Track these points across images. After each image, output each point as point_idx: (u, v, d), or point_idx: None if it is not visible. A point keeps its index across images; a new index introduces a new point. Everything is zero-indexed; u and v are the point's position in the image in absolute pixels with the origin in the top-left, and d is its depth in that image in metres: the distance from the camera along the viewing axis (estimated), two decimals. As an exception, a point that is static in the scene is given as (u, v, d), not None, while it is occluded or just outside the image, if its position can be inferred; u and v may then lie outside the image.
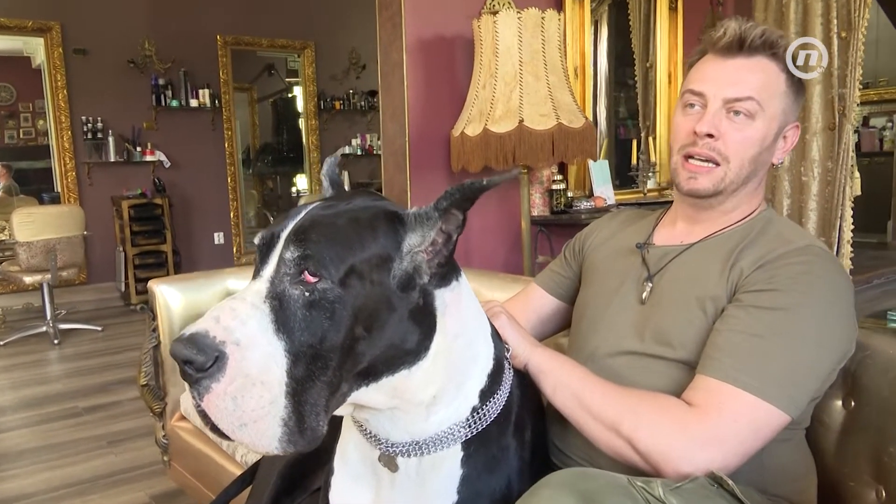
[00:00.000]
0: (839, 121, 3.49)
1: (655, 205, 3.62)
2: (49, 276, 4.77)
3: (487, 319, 0.98)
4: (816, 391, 0.98)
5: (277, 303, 0.75)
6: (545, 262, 3.11)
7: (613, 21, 4.02)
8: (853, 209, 3.56)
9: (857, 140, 4.37)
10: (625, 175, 4.01)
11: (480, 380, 0.92)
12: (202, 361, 0.70)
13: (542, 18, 2.68)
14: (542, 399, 1.08)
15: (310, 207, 0.83)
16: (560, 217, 3.40)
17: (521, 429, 0.97)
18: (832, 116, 3.51)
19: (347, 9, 6.98)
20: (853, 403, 1.07)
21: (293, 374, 0.73)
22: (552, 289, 1.35)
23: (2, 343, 4.74)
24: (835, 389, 1.07)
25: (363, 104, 7.59)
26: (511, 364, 1.00)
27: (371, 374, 0.81)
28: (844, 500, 1.06)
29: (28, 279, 4.76)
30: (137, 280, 5.83)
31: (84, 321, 5.28)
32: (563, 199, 3.43)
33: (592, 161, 3.53)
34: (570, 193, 3.54)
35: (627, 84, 4.18)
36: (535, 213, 3.38)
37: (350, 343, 0.76)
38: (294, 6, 6.88)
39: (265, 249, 0.79)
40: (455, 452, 0.90)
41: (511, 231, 3.30)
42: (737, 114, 1.05)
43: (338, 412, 0.83)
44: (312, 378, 0.74)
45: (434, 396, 0.87)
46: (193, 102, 6.43)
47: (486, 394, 0.92)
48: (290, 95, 8.04)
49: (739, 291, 0.99)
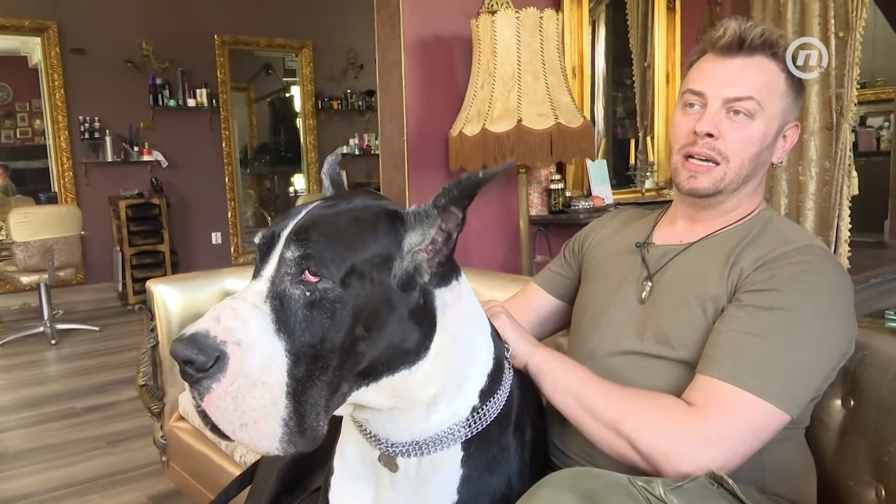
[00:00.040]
0: (836, 120, 3.50)
1: (653, 204, 3.62)
2: (46, 277, 4.76)
3: (487, 319, 0.97)
4: (816, 391, 0.98)
5: (278, 302, 0.74)
6: (543, 262, 3.11)
7: (611, 21, 4.02)
8: (851, 208, 3.57)
9: (855, 139, 4.36)
10: (623, 175, 4.01)
11: (480, 379, 0.91)
12: (203, 361, 0.70)
13: (541, 18, 2.68)
14: (542, 399, 1.08)
15: (310, 206, 0.82)
16: (558, 217, 3.40)
17: (522, 428, 0.97)
18: (830, 116, 3.52)
19: (345, 8, 6.98)
20: (853, 403, 1.08)
21: (294, 375, 0.73)
22: (551, 288, 1.35)
23: (-1, 343, 4.74)
24: (834, 389, 1.08)
25: (361, 104, 7.59)
26: (511, 364, 1.00)
27: (371, 374, 0.81)
28: (844, 499, 1.06)
29: (25, 279, 4.75)
30: (135, 280, 5.83)
31: (81, 321, 5.28)
32: (562, 199, 3.43)
33: (591, 161, 3.53)
34: (569, 193, 3.54)
35: (625, 84, 4.18)
36: (534, 213, 3.38)
37: (350, 343, 0.76)
38: (292, 6, 6.88)
39: (265, 249, 0.79)
40: (455, 452, 0.90)
41: (509, 231, 3.30)
42: (737, 113, 1.05)
43: (338, 412, 0.83)
44: (313, 378, 0.74)
45: (434, 396, 0.87)
46: (191, 102, 6.42)
47: (487, 394, 0.91)
48: (288, 95, 8.02)
49: (740, 291, 0.99)
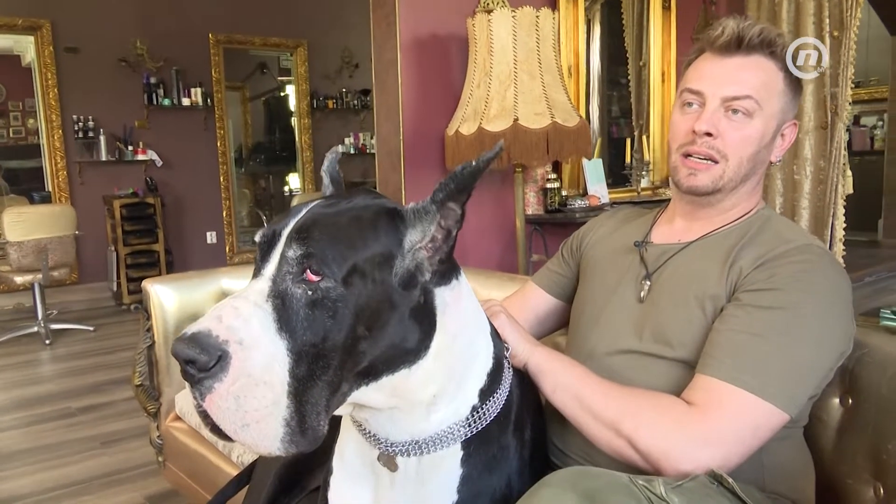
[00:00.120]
0: (831, 119, 3.51)
1: (649, 203, 3.63)
2: (40, 276, 4.74)
3: (487, 318, 0.97)
4: (815, 389, 0.98)
5: (280, 302, 0.74)
6: (540, 261, 3.11)
7: (606, 20, 4.02)
8: (845, 207, 3.58)
9: (849, 139, 4.39)
10: (618, 174, 4.01)
11: (480, 379, 0.91)
12: (205, 361, 0.69)
13: (537, 17, 2.68)
14: (541, 398, 1.08)
15: (311, 205, 0.82)
16: (554, 216, 3.40)
17: (521, 428, 0.97)
18: (824, 115, 3.53)
19: (340, 7, 6.97)
20: (851, 401, 1.08)
21: (295, 374, 0.72)
22: (550, 287, 1.35)
23: (-7, 343, 4.72)
24: (833, 387, 1.08)
25: (356, 103, 7.58)
26: (510, 363, 1.00)
27: (371, 374, 0.80)
28: (843, 498, 1.06)
29: (19, 279, 4.73)
30: (129, 280, 5.81)
31: (76, 321, 5.25)
32: (558, 198, 3.44)
33: (587, 160, 3.53)
34: (565, 192, 3.55)
35: (620, 83, 4.18)
36: (530, 212, 3.39)
37: (352, 342, 0.76)
38: (286, 5, 6.86)
39: (266, 247, 0.79)
40: (455, 452, 0.89)
41: (506, 230, 3.30)
42: (735, 112, 1.05)
43: (337, 412, 0.83)
44: (314, 377, 0.74)
45: (434, 396, 0.86)
46: (185, 101, 6.40)
47: (486, 393, 0.91)
48: (283, 94, 8.01)
49: (739, 290, 0.99)
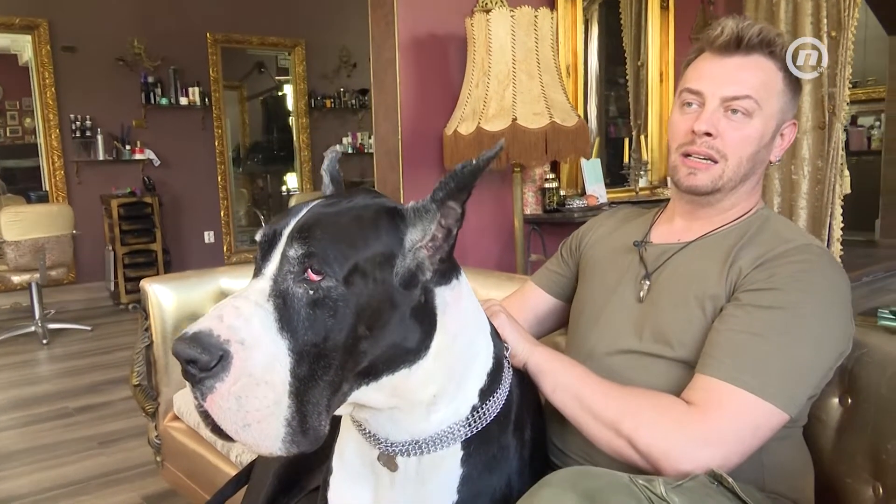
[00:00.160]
0: (829, 119, 3.52)
1: (648, 203, 3.63)
2: (38, 276, 4.73)
3: (487, 318, 0.97)
4: (815, 389, 0.98)
5: (281, 301, 0.74)
6: (538, 261, 3.11)
7: (604, 20, 4.02)
8: (843, 207, 3.59)
9: (846, 139, 4.40)
10: (616, 174, 4.01)
11: (480, 378, 0.91)
12: (206, 361, 0.69)
13: (535, 17, 2.68)
14: (541, 398, 1.08)
15: (311, 205, 0.82)
16: (553, 216, 3.41)
17: (521, 428, 0.97)
18: (822, 115, 3.54)
19: (338, 7, 6.96)
20: (850, 401, 1.08)
21: (296, 374, 0.72)
22: (549, 287, 1.35)
23: (-10, 343, 4.70)
24: (832, 387, 1.08)
25: (354, 102, 7.57)
26: (510, 363, 1.00)
27: (372, 374, 0.80)
28: (842, 497, 1.06)
29: (16, 278, 4.72)
30: (127, 279, 5.80)
31: (73, 321, 5.24)
32: (556, 198, 3.44)
33: (585, 160, 3.53)
34: (563, 192, 3.55)
35: (618, 83, 4.19)
36: (528, 212, 3.39)
37: (353, 342, 0.76)
38: (284, 4, 6.85)
39: (267, 247, 0.78)
40: (455, 451, 0.89)
41: (504, 230, 3.30)
42: (735, 112, 1.05)
43: (337, 412, 0.82)
44: (315, 377, 0.74)
45: (434, 395, 0.86)
46: (183, 100, 6.39)
47: (486, 393, 0.91)
48: (281, 94, 8.01)
49: (739, 290, 0.99)
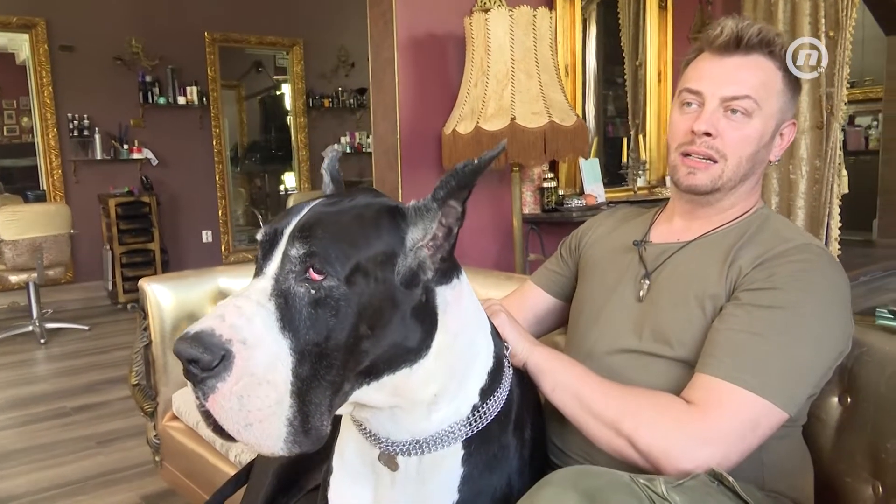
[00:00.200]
0: (827, 119, 3.52)
1: (646, 202, 3.63)
2: (35, 275, 4.72)
3: (487, 317, 0.97)
4: (814, 388, 0.98)
5: (283, 300, 0.74)
6: (537, 260, 3.11)
7: (603, 19, 4.02)
8: (840, 207, 3.59)
9: (844, 138, 4.40)
10: (614, 173, 4.01)
11: (481, 378, 0.91)
12: (208, 360, 0.69)
13: (534, 16, 2.68)
14: (541, 397, 1.08)
15: (312, 204, 0.82)
16: (551, 215, 3.40)
17: (522, 427, 0.97)
18: (820, 115, 3.54)
19: (336, 6, 6.96)
20: (850, 400, 1.08)
21: (298, 373, 0.72)
22: (548, 286, 1.35)
23: (-13, 343, 4.69)
24: (832, 386, 1.08)
25: (352, 102, 7.57)
26: (510, 362, 1.00)
27: (373, 373, 0.80)
28: (841, 496, 1.07)
29: (14, 278, 4.71)
30: (125, 279, 5.79)
31: (71, 320, 5.23)
32: (555, 198, 3.44)
33: (583, 159, 3.53)
34: (561, 191, 3.55)
35: (616, 82, 4.18)
36: (527, 212, 3.38)
37: (354, 341, 0.76)
38: (283, 3, 6.85)
39: (268, 246, 0.78)
40: (456, 451, 0.89)
41: (503, 229, 3.30)
42: (734, 112, 1.05)
43: (338, 411, 0.82)
44: (317, 377, 0.74)
45: (435, 395, 0.86)
46: (181, 100, 6.38)
47: (487, 392, 0.91)
48: (279, 93, 7.99)
49: (738, 290, 0.99)
